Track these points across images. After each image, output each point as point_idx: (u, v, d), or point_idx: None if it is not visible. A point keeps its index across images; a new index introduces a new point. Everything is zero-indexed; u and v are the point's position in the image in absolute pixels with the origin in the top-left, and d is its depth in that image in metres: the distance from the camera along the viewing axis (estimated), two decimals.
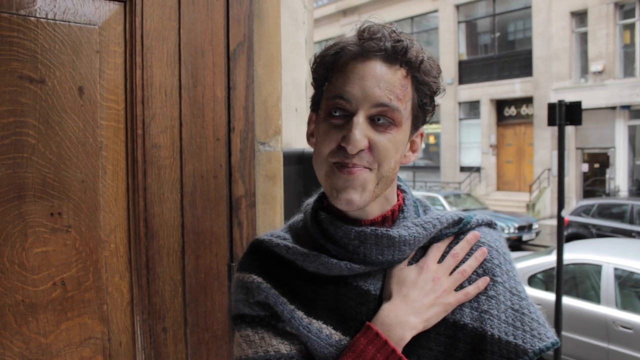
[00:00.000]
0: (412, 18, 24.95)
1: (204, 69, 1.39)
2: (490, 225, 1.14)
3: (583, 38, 19.20)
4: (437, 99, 1.10)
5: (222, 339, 1.42)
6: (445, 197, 15.56)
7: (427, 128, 1.11)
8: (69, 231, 1.21)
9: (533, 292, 6.93)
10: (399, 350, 0.96)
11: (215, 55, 1.41)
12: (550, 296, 6.51)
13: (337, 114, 0.98)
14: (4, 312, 1.14)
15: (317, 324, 1.02)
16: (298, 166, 1.58)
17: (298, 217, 1.17)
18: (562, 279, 6.23)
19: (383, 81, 0.96)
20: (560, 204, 7.18)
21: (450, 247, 1.08)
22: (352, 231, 1.01)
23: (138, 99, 1.30)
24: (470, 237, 1.07)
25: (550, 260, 7.09)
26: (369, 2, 25.12)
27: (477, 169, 21.65)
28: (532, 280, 7.09)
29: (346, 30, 1.05)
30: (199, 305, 1.38)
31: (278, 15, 1.54)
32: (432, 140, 24.74)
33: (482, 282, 1.03)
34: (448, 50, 23.29)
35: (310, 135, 1.09)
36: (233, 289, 1.12)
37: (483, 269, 1.05)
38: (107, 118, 1.27)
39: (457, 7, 23.17)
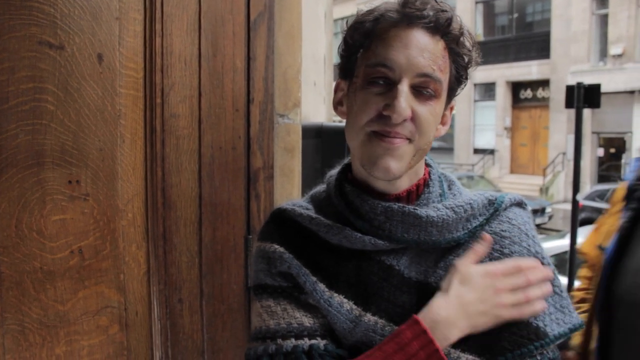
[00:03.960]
0: None
1: (224, 39, 1.37)
2: (520, 204, 1.11)
3: (603, 20, 18.87)
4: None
5: (237, 311, 1.42)
6: (458, 179, 15.39)
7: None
8: (87, 199, 1.20)
9: None
10: (442, 350, 0.91)
11: (236, 25, 1.39)
12: (562, 280, 6.48)
13: (380, 82, 0.95)
14: (22, 279, 1.14)
15: (338, 298, 1.00)
16: (316, 140, 1.56)
17: (320, 187, 1.16)
18: (575, 263, 6.20)
19: (427, 51, 0.94)
20: (576, 188, 7.11)
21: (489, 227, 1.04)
22: (379, 206, 0.99)
23: (157, 68, 1.28)
24: (544, 271, 1.01)
25: (562, 244, 7.04)
26: None
27: (491, 152, 21.51)
28: None
29: (362, 8, 1.03)
30: (215, 277, 1.38)
31: None
32: None
33: (540, 306, 0.98)
34: None
35: (338, 104, 1.06)
36: (254, 259, 1.11)
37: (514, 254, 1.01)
38: (126, 86, 1.25)
39: None
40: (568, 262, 6.47)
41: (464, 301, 0.95)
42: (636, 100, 17.73)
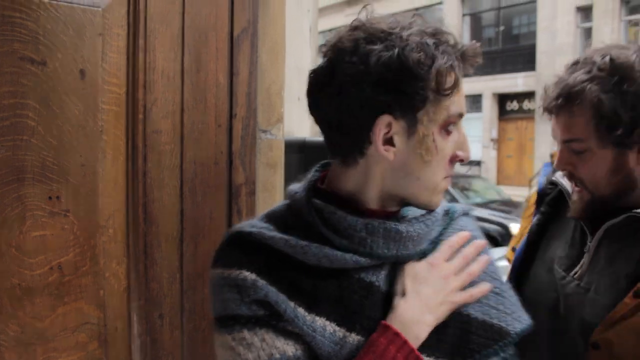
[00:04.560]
0: (416, 9, 24.83)
1: (207, 54, 1.38)
2: (468, 214, 1.17)
3: (587, 33, 19.11)
4: None
5: None
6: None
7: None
8: (67, 215, 1.20)
9: None
10: (416, 349, 0.94)
11: (219, 41, 1.40)
12: None
13: (452, 128, 1.01)
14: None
15: (320, 321, 0.96)
16: (299, 155, 1.57)
17: (278, 206, 1.11)
18: None
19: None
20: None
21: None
22: (359, 222, 0.97)
23: (140, 83, 1.28)
24: (477, 243, 1.09)
25: None
26: None
27: (478, 163, 21.62)
28: None
29: (350, 20, 1.00)
30: (196, 292, 1.38)
31: (283, 2, 1.53)
32: None
33: (486, 287, 1.04)
34: None
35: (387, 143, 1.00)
36: (216, 288, 1.01)
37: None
38: (109, 102, 1.25)
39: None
40: None
41: (423, 297, 0.98)
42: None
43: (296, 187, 1.09)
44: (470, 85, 22.05)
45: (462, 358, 0.99)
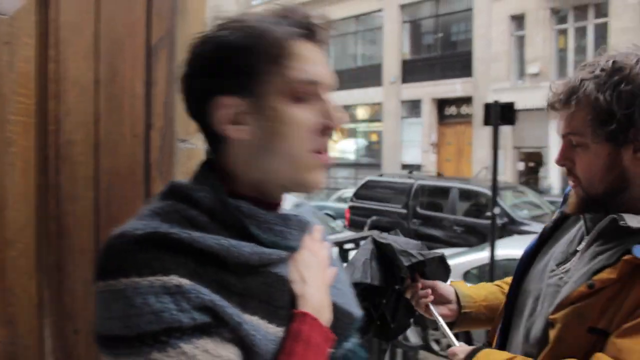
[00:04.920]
0: (357, 17, 25.13)
1: (122, 64, 1.36)
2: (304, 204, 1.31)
3: (521, 41, 19.82)
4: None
5: None
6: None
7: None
8: None
9: None
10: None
11: (135, 50, 1.38)
12: None
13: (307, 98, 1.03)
14: None
15: (255, 320, 0.93)
16: None
17: (161, 205, 1.00)
18: (495, 274, 6.43)
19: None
20: (494, 202, 7.40)
21: None
22: (274, 216, 1.03)
23: (51, 94, 1.25)
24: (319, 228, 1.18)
25: (484, 256, 7.28)
26: (314, 0, 25.15)
27: (418, 167, 22.03)
28: (467, 276, 7.26)
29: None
30: None
31: (203, 11, 1.52)
32: (374, 138, 25.03)
33: (334, 270, 1.16)
34: (392, 49, 23.58)
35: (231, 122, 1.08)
36: (132, 299, 0.87)
37: None
38: (17, 113, 1.22)
39: (402, 7, 23.47)
40: (489, 274, 6.71)
41: (318, 282, 1.05)
42: (552, 116, 18.59)
43: (192, 184, 1.04)
44: (410, 90, 22.51)
45: (338, 342, 1.07)
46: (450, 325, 1.78)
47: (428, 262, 1.76)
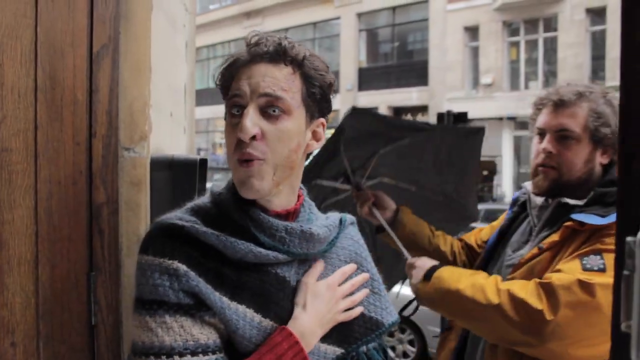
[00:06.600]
0: (314, 24, 25.23)
1: (63, 71, 1.33)
2: (354, 223, 1.42)
3: (475, 52, 20.25)
4: (339, 105, 1.26)
5: (80, 351, 1.36)
6: None
7: (327, 133, 1.29)
8: None
9: None
10: (308, 357, 1.14)
11: (77, 57, 1.36)
12: None
13: (236, 112, 1.13)
14: None
15: (242, 308, 1.11)
16: (168, 172, 1.55)
17: (202, 201, 1.24)
18: None
19: (267, 76, 1.12)
20: None
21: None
22: (280, 224, 1.16)
23: None
24: (362, 276, 1.33)
25: None
26: (273, 6, 25.16)
27: None
28: None
29: (248, 32, 1.20)
30: (54, 317, 1.32)
31: (148, 18, 1.50)
32: None
33: (364, 293, 1.32)
34: (349, 57, 23.75)
35: None
36: (145, 272, 1.10)
37: (356, 261, 1.33)
38: None
39: (359, 15, 23.68)
40: None
41: (319, 314, 1.19)
42: (505, 126, 19.08)
43: (218, 189, 1.24)
44: (367, 98, 22.68)
45: (348, 344, 1.26)
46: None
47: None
